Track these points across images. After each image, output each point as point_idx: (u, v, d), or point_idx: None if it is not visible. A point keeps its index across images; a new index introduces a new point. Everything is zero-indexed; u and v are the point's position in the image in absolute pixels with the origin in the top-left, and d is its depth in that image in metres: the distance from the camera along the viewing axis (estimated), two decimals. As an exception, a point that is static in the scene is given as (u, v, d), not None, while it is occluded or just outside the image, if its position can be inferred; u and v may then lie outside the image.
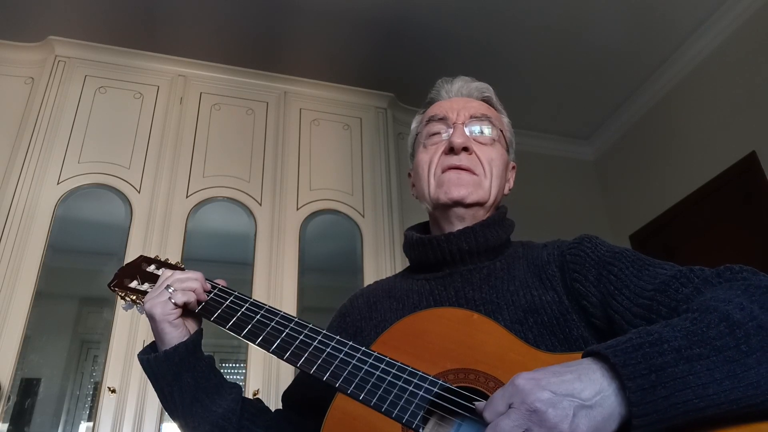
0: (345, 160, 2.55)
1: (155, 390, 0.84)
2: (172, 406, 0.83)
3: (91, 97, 2.33)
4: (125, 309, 0.94)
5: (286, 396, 0.98)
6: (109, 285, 0.94)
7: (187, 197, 2.26)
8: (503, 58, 2.99)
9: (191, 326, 0.86)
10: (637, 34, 2.87)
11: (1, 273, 1.92)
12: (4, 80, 2.31)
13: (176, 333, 0.82)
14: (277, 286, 2.19)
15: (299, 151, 2.51)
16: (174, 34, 2.71)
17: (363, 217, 2.44)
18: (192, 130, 2.40)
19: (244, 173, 2.38)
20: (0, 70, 2.32)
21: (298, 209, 2.37)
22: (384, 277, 1.05)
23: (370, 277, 2.29)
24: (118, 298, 0.94)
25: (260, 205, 2.33)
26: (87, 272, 2.27)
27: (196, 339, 0.84)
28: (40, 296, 1.95)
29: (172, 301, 0.83)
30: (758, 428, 0.55)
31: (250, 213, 2.31)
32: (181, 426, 0.84)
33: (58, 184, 2.13)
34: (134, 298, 0.92)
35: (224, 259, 2.46)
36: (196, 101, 2.48)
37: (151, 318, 0.83)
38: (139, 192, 2.20)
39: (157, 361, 0.82)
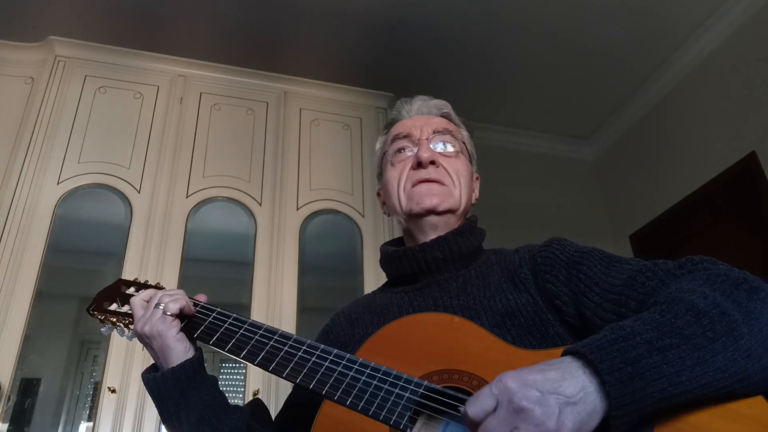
0: (345, 160, 2.55)
1: (159, 410, 0.83)
2: (177, 425, 0.82)
3: (91, 97, 2.33)
4: (105, 333, 0.94)
5: (278, 420, 0.97)
6: (87, 309, 0.93)
7: (187, 197, 2.26)
8: (503, 59, 2.99)
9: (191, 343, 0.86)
10: (637, 34, 2.87)
11: (1, 273, 1.92)
12: (4, 80, 2.31)
13: (181, 347, 0.82)
14: (277, 286, 2.19)
15: (299, 151, 2.51)
16: (174, 34, 2.71)
17: (363, 217, 2.44)
18: (192, 130, 2.40)
19: (244, 173, 2.38)
20: (0, 70, 2.32)
21: (298, 209, 2.38)
22: (376, 285, 1.06)
23: (369, 277, 2.29)
24: (98, 322, 0.93)
25: (260, 205, 2.33)
26: (87, 272, 2.27)
27: (200, 357, 0.84)
28: (40, 296, 1.95)
29: (168, 313, 0.82)
30: (729, 408, 0.57)
31: (250, 213, 2.31)
32: None
33: (58, 184, 2.13)
34: (114, 320, 0.91)
35: (224, 259, 2.46)
36: (196, 101, 2.48)
37: (154, 337, 0.82)
38: (139, 192, 2.20)
39: (163, 379, 0.81)
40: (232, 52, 2.70)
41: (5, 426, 1.85)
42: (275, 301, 2.14)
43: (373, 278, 2.26)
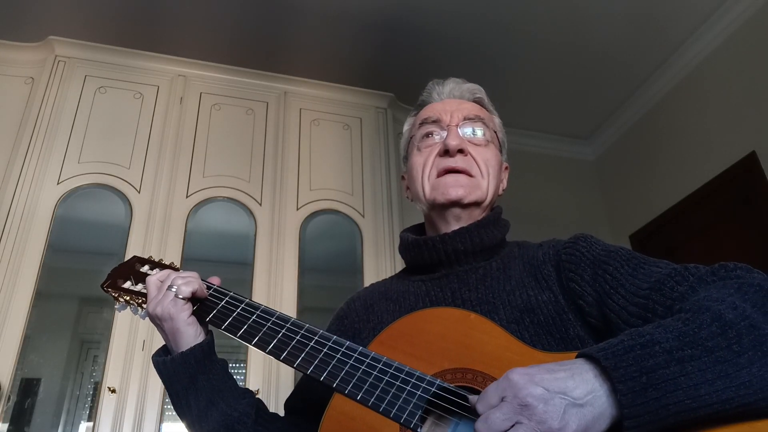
0: (345, 160, 2.55)
1: (169, 393, 0.83)
2: (186, 409, 0.82)
3: (91, 97, 2.33)
4: (119, 310, 0.93)
5: (289, 403, 0.97)
6: (102, 285, 0.93)
7: (187, 197, 2.26)
8: (503, 59, 2.99)
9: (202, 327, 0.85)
10: (637, 34, 2.87)
11: (1, 273, 1.92)
12: (4, 80, 2.31)
13: (192, 331, 0.81)
14: (277, 286, 2.19)
15: (299, 151, 2.51)
16: (174, 34, 2.71)
17: (363, 217, 2.44)
18: (192, 130, 2.40)
19: (244, 173, 2.38)
20: (0, 70, 2.32)
21: (298, 209, 2.37)
22: (381, 279, 1.05)
23: (370, 277, 2.29)
24: (112, 299, 0.93)
25: (260, 205, 2.33)
26: (87, 272, 2.26)
27: (210, 341, 0.84)
28: (40, 296, 1.95)
29: (180, 296, 0.81)
30: (753, 426, 0.55)
31: (250, 213, 2.31)
32: (194, 430, 0.82)
33: (58, 184, 2.13)
34: (128, 298, 0.91)
35: (224, 259, 2.46)
36: (196, 101, 2.48)
37: (165, 319, 0.81)
38: (139, 192, 2.20)
39: (173, 364, 0.81)
40: (232, 52, 2.70)
41: (5, 426, 1.85)
42: (275, 301, 2.14)
43: (373, 278, 2.26)
